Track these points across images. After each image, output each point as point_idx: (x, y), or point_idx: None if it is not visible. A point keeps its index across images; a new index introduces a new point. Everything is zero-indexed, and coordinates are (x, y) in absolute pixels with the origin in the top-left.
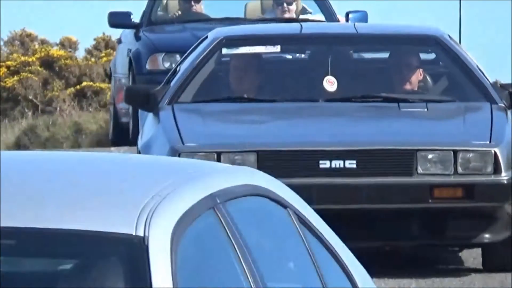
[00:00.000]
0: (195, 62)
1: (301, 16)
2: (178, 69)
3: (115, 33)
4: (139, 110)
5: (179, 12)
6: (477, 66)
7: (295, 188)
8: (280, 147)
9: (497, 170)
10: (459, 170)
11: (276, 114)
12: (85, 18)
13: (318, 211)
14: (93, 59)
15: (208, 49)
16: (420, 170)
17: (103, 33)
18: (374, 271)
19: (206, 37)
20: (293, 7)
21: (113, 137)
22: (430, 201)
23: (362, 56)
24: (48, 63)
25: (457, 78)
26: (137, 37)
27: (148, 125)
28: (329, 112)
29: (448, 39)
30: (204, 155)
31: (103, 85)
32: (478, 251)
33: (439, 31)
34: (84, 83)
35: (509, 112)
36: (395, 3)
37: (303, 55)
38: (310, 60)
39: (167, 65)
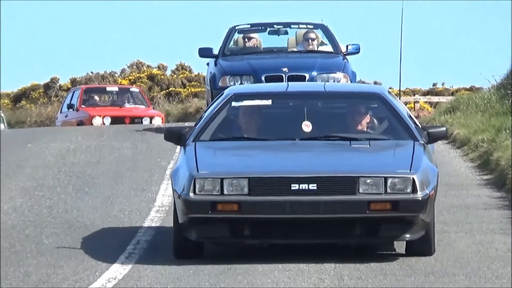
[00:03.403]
0: (213, 111)
1: (320, 47)
2: (203, 115)
3: (187, 61)
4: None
5: (248, 44)
6: (407, 113)
7: (273, 203)
8: (265, 174)
9: (414, 190)
10: (388, 190)
11: (265, 149)
12: (171, 53)
13: (290, 219)
14: (175, 76)
15: (222, 102)
16: (361, 190)
17: (180, 62)
18: (332, 258)
19: (223, 93)
20: (315, 41)
21: None
22: (367, 212)
23: (328, 106)
24: (151, 77)
25: (392, 123)
26: (215, 64)
27: (180, 156)
28: (301, 148)
29: (387, 95)
30: (211, 180)
31: (181, 90)
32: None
33: (382, 89)
34: (170, 89)
35: (427, 146)
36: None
37: (288, 105)
38: (292, 110)
39: (231, 83)
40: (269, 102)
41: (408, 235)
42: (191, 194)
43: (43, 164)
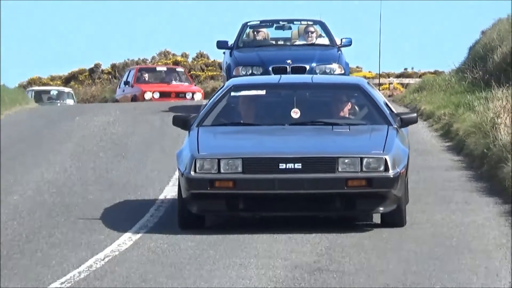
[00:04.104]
0: (215, 100)
1: (318, 39)
2: (207, 103)
3: (206, 50)
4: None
5: (258, 37)
6: (384, 101)
7: (264, 181)
8: (256, 155)
9: (386, 169)
10: (364, 169)
11: (258, 133)
12: (192, 43)
13: (278, 194)
14: (195, 62)
15: (223, 92)
16: (339, 169)
17: (200, 50)
18: (315, 229)
19: (224, 84)
20: (314, 34)
21: None
22: (345, 188)
23: (315, 96)
24: (176, 63)
25: (370, 109)
26: (231, 54)
27: (185, 139)
28: (289, 132)
29: (366, 86)
30: (210, 160)
31: (200, 73)
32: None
33: (361, 80)
34: (192, 72)
35: (400, 130)
36: None
37: (280, 94)
38: (283, 99)
39: (243, 73)
40: (263, 92)
41: (381, 208)
42: (192, 173)
43: (88, 134)
